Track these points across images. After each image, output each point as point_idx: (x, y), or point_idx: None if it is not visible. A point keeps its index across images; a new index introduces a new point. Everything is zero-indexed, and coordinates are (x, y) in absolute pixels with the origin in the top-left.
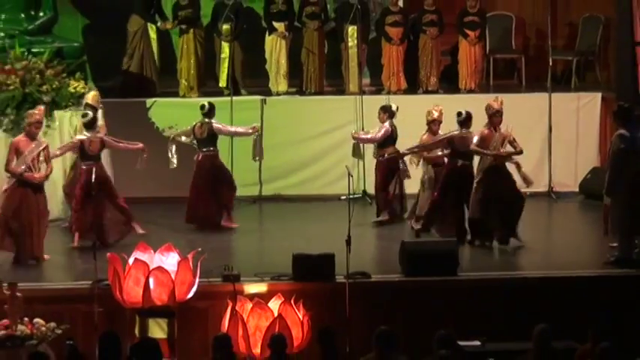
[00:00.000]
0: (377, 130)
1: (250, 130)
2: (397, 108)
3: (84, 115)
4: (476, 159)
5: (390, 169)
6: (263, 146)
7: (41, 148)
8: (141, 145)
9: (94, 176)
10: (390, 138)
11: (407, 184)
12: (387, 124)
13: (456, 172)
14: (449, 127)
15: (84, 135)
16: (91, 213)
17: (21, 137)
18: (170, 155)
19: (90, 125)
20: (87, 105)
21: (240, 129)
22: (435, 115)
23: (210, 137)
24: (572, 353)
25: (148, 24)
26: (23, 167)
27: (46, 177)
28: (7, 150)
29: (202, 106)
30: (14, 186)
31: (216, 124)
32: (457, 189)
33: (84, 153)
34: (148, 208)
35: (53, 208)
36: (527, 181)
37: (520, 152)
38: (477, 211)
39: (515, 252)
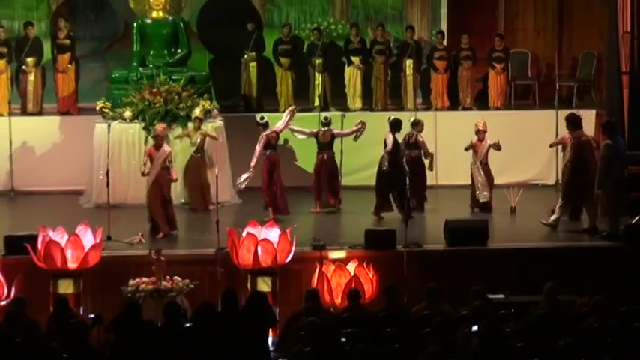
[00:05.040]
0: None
1: (359, 126)
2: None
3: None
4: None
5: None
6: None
7: (166, 154)
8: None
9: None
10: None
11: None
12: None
13: None
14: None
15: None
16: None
17: (151, 147)
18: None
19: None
20: (196, 118)
21: (352, 129)
22: (480, 126)
23: (331, 141)
24: (573, 304)
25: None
26: (156, 170)
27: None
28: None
29: (325, 118)
30: (152, 184)
31: (335, 130)
32: None
33: (269, 144)
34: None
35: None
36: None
37: (499, 149)
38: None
39: (529, 228)
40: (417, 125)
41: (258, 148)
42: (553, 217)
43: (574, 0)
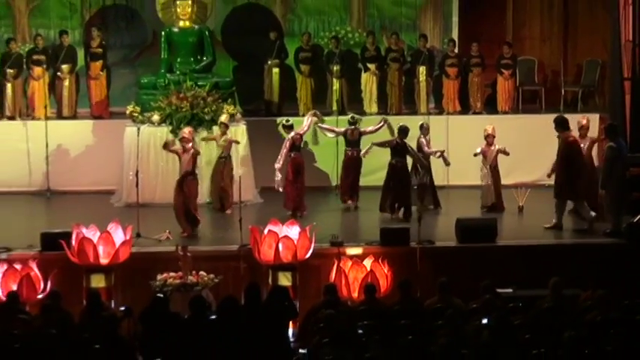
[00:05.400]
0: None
1: (382, 123)
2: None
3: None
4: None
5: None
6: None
7: (190, 155)
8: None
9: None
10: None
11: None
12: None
13: None
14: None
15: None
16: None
17: (180, 147)
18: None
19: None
20: (221, 123)
21: (376, 126)
22: (489, 131)
23: (358, 139)
24: (577, 298)
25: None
26: (184, 170)
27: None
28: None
29: (352, 117)
30: (176, 186)
31: (362, 128)
32: None
33: (294, 146)
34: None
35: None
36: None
37: (507, 154)
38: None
39: (536, 226)
40: (422, 129)
41: (284, 150)
42: (554, 220)
43: (578, 10)
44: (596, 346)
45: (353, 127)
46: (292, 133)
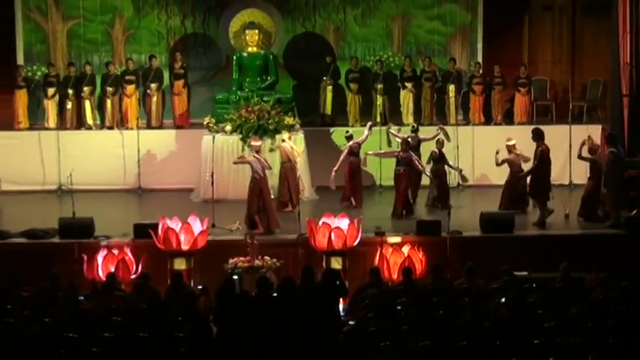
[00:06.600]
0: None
1: (439, 131)
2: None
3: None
4: None
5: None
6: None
7: (262, 160)
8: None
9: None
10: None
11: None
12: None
13: None
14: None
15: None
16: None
17: (252, 155)
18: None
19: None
20: (285, 136)
21: (432, 134)
22: (513, 142)
23: (417, 145)
24: (583, 280)
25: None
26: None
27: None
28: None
29: (413, 126)
30: (251, 185)
31: (421, 135)
32: None
33: (352, 152)
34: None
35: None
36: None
37: (528, 159)
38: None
39: (548, 219)
40: (437, 142)
41: (342, 156)
42: (541, 215)
43: (584, 37)
44: (600, 320)
45: (413, 134)
46: (351, 142)
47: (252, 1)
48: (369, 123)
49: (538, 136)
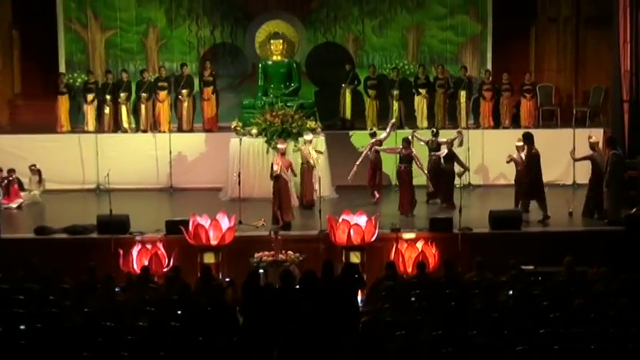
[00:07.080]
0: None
1: (456, 134)
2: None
3: None
4: None
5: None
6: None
7: (288, 162)
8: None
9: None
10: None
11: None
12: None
13: None
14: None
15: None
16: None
17: (277, 156)
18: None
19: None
20: (306, 140)
21: (450, 138)
22: (521, 143)
23: (437, 147)
24: (585, 273)
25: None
26: (280, 173)
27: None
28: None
29: (433, 130)
30: (275, 181)
31: (441, 139)
32: None
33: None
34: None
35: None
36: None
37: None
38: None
39: (552, 217)
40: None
41: (365, 151)
42: (544, 213)
43: (587, 47)
44: (601, 311)
45: (434, 138)
46: (373, 139)
47: (277, 13)
48: (392, 120)
49: (529, 139)
